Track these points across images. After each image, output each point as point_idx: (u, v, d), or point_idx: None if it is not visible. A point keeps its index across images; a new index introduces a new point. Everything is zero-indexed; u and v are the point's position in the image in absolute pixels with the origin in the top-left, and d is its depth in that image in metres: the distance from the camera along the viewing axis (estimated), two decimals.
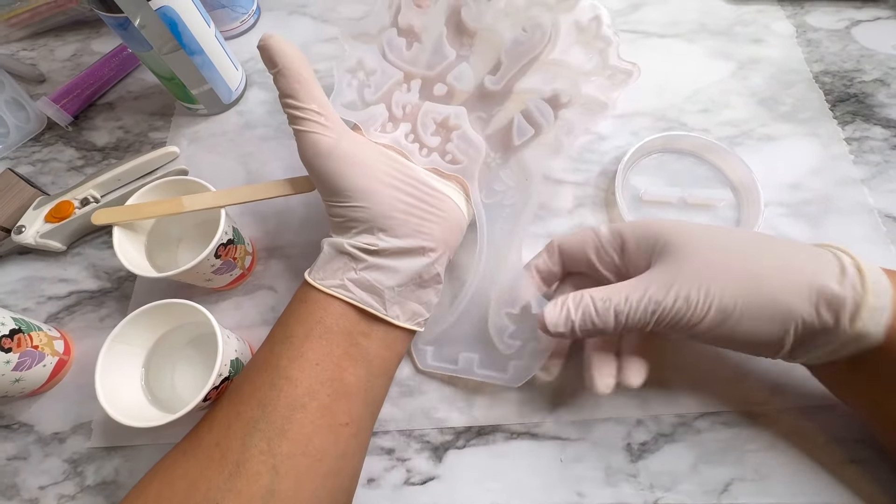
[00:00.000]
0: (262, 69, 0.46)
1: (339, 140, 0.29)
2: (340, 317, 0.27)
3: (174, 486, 0.24)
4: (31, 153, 0.44)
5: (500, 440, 0.31)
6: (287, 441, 0.24)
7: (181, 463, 0.25)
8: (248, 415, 0.25)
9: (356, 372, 0.27)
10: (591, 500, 0.29)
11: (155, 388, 0.31)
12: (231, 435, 0.24)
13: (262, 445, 0.24)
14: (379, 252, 0.28)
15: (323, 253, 0.29)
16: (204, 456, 0.24)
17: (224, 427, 0.25)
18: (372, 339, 0.28)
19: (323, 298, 0.28)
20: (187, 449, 0.25)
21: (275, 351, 0.27)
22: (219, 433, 0.25)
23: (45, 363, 0.32)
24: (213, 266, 0.32)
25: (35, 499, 0.31)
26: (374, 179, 0.28)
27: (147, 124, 0.44)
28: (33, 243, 0.37)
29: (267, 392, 0.25)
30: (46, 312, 0.37)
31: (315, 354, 0.26)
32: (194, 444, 0.25)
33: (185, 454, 0.25)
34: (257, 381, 0.26)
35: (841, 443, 0.29)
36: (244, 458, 0.24)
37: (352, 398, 0.27)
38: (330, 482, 0.25)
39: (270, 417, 0.25)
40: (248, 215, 0.39)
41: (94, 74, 0.45)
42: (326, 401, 0.26)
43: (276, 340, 0.27)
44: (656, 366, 0.31)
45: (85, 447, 0.33)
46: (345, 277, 0.28)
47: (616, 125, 0.40)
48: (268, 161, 0.41)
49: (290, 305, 0.29)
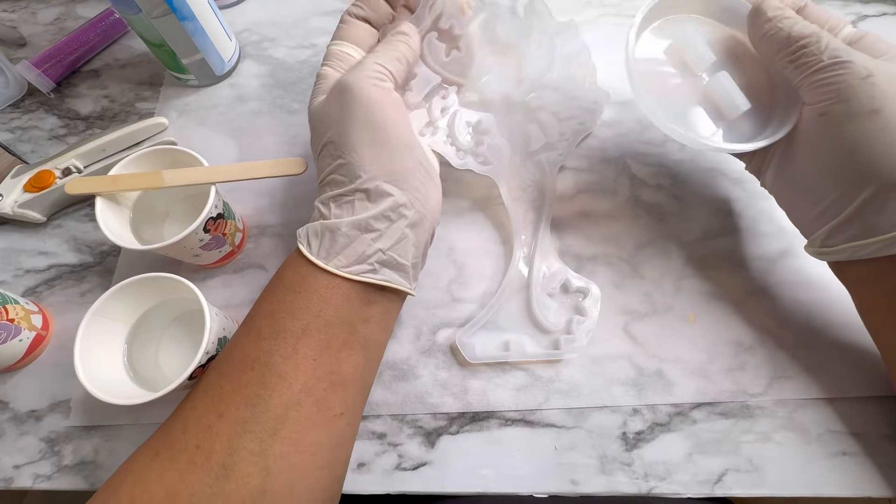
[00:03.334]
0: (257, 41, 0.44)
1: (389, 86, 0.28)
2: (342, 307, 0.25)
3: (150, 490, 0.22)
4: (9, 119, 0.42)
5: (495, 427, 0.30)
6: (280, 440, 0.23)
7: (155, 465, 0.23)
8: (234, 415, 0.23)
9: (354, 361, 0.26)
10: (585, 488, 0.29)
11: (138, 365, 0.29)
12: (214, 436, 0.22)
13: (252, 447, 0.22)
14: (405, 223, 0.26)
15: (341, 236, 0.25)
16: (182, 458, 0.22)
17: (203, 428, 0.23)
18: (371, 323, 0.26)
19: (323, 288, 0.25)
20: (160, 449, 0.23)
21: (263, 347, 0.24)
22: (197, 434, 0.23)
23: (21, 338, 0.31)
24: (202, 241, 0.30)
25: (10, 478, 0.30)
26: (415, 142, 0.27)
27: (134, 94, 0.42)
28: (11, 213, 0.35)
29: (256, 390, 0.23)
30: (24, 286, 0.36)
31: (312, 350, 0.24)
32: (168, 445, 0.23)
33: (159, 455, 0.23)
34: (242, 378, 0.24)
35: (834, 435, 0.29)
36: (232, 460, 0.22)
37: (348, 387, 0.25)
38: (324, 474, 0.24)
39: (262, 418, 0.23)
40: (240, 191, 0.37)
41: (78, 39, 0.43)
42: (323, 395, 0.24)
43: (264, 335, 0.25)
44: (653, 356, 0.31)
45: (63, 426, 0.31)
46: (373, 261, 0.25)
47: (620, 112, 0.39)
48: (261, 136, 0.40)
49: (274, 294, 0.26)
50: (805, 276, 0.33)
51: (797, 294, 0.32)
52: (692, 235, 0.34)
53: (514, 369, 0.31)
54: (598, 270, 0.34)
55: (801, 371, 0.30)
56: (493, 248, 0.35)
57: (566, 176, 0.37)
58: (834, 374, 0.30)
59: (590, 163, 0.37)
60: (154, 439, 0.24)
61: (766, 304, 0.32)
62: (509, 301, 0.33)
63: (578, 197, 0.36)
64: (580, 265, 0.34)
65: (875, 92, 0.23)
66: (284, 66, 0.43)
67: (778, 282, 0.33)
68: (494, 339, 0.32)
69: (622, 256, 0.34)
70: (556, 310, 0.33)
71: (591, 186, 0.37)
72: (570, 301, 0.33)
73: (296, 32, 0.44)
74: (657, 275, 0.33)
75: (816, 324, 0.31)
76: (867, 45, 0.26)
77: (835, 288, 0.29)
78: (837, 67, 0.24)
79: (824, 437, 0.29)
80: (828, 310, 0.32)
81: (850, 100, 0.24)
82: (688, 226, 0.35)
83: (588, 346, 0.31)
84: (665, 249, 0.34)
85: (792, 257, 0.33)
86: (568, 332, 0.32)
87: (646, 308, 0.33)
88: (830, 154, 0.25)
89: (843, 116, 0.24)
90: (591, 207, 0.36)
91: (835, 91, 0.24)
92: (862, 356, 0.30)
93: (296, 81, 0.42)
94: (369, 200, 0.26)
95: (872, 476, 0.28)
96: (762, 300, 0.32)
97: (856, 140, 0.24)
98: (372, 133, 0.26)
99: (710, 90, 0.29)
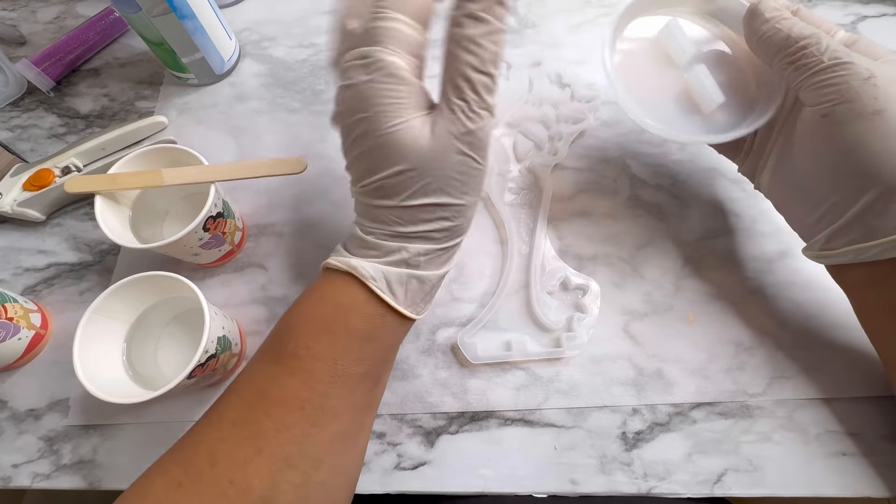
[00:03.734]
0: (257, 40, 0.44)
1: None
2: (399, 341, 0.26)
3: None
4: (9, 118, 0.42)
5: (494, 426, 0.30)
6: (323, 470, 0.23)
7: (179, 498, 0.21)
8: (277, 452, 0.22)
9: (384, 384, 0.27)
10: (584, 488, 0.29)
11: (137, 364, 0.29)
12: (251, 472, 0.21)
13: (296, 480, 0.22)
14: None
15: (428, 284, 0.25)
16: (212, 493, 0.21)
17: (238, 463, 0.21)
18: (397, 349, 0.27)
19: (396, 335, 0.25)
20: (183, 481, 0.21)
21: (318, 389, 0.23)
22: (230, 470, 0.21)
23: (20, 336, 0.31)
24: (201, 240, 0.30)
25: (8, 477, 0.30)
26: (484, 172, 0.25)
27: (134, 92, 0.42)
28: (10, 212, 0.35)
29: (306, 429, 0.22)
30: (23, 284, 0.35)
31: (367, 389, 0.25)
32: (194, 477, 0.21)
33: (183, 487, 0.21)
34: (288, 418, 0.22)
35: (833, 435, 0.29)
36: (273, 494, 0.21)
37: (374, 410, 0.26)
38: (348, 490, 0.25)
39: (309, 453, 0.22)
40: (240, 190, 0.37)
41: (78, 38, 0.43)
42: (363, 421, 0.25)
43: (320, 379, 0.23)
44: (653, 356, 0.31)
45: (61, 425, 0.31)
46: (429, 297, 0.25)
47: (620, 112, 0.39)
48: (260, 135, 0.40)
49: (340, 338, 0.24)
50: (804, 276, 0.33)
51: (796, 294, 0.32)
52: (692, 235, 0.34)
53: (513, 369, 0.31)
54: (598, 270, 0.34)
55: (800, 371, 0.30)
56: (492, 247, 0.35)
57: (566, 175, 0.37)
58: (832, 375, 0.30)
59: (589, 162, 0.37)
60: (171, 466, 0.22)
61: (766, 305, 0.32)
62: (509, 300, 0.33)
63: (578, 197, 0.36)
64: (580, 265, 0.34)
65: (878, 93, 0.23)
66: (284, 66, 0.43)
67: (777, 282, 0.33)
68: (496, 338, 0.32)
69: (622, 256, 0.34)
70: (557, 308, 0.33)
71: (590, 186, 0.37)
72: (570, 298, 0.33)
73: (296, 32, 0.44)
74: (657, 274, 0.33)
75: (815, 324, 0.31)
76: (862, 49, 0.25)
77: (833, 289, 0.29)
78: (839, 69, 0.24)
79: (823, 438, 0.29)
80: (826, 310, 0.32)
81: (853, 101, 0.23)
82: (687, 226, 0.35)
83: (588, 345, 0.31)
84: (665, 249, 0.34)
85: (791, 258, 0.33)
86: (569, 329, 0.32)
87: (645, 308, 0.33)
88: (832, 156, 0.25)
89: (845, 118, 0.24)
90: (591, 207, 0.36)
91: (837, 92, 0.24)
92: (860, 357, 0.30)
93: (295, 80, 0.42)
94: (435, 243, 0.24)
95: (871, 476, 0.28)
96: (761, 300, 0.32)
97: (858, 142, 0.24)
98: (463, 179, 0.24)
99: (688, 84, 0.29)
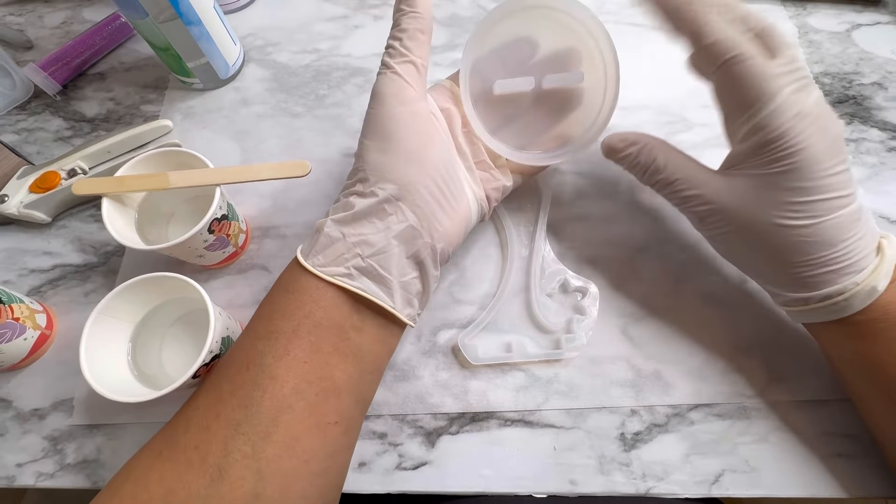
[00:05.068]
0: (261, 45, 0.45)
1: (420, 99, 0.27)
2: (332, 309, 0.25)
3: (150, 490, 0.22)
4: (15, 121, 0.42)
5: (494, 427, 0.31)
6: (272, 444, 0.23)
7: (157, 465, 0.23)
8: (230, 416, 0.23)
9: (346, 369, 0.25)
10: (583, 488, 0.29)
11: (142, 363, 0.30)
12: (210, 437, 0.23)
13: (245, 449, 0.22)
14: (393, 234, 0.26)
15: (323, 235, 0.26)
16: (182, 459, 0.23)
17: (202, 429, 0.23)
18: (364, 333, 0.26)
19: (313, 289, 0.25)
20: (163, 450, 0.23)
21: (258, 347, 0.25)
22: (197, 435, 0.23)
23: (26, 336, 0.31)
24: (206, 242, 0.31)
25: (12, 476, 0.30)
26: (428, 159, 0.27)
27: (139, 97, 0.43)
28: (16, 213, 0.36)
29: (250, 391, 0.23)
30: (28, 285, 0.36)
31: (303, 352, 0.24)
32: (171, 445, 0.23)
33: (161, 455, 0.23)
34: (237, 379, 0.24)
35: (830, 436, 0.29)
36: (226, 462, 0.22)
37: (341, 396, 0.25)
38: (318, 481, 0.24)
39: (254, 420, 0.23)
40: (244, 193, 0.38)
41: (84, 43, 0.43)
42: (314, 400, 0.24)
43: (259, 335, 0.25)
44: (651, 357, 0.32)
45: (66, 424, 0.32)
46: (350, 265, 0.25)
47: (619, 118, 0.40)
48: (264, 139, 0.40)
49: (272, 295, 0.27)
50: None
51: None
52: (690, 238, 0.35)
53: (513, 370, 0.32)
54: (597, 273, 0.34)
55: (797, 373, 0.31)
56: (493, 250, 0.35)
57: (565, 179, 0.37)
58: (828, 377, 0.30)
59: (589, 166, 0.38)
60: (157, 439, 0.24)
61: (762, 307, 0.32)
62: (510, 303, 0.33)
63: (577, 200, 0.37)
64: (579, 267, 0.34)
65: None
66: (288, 71, 0.43)
67: None
68: (496, 340, 0.32)
69: (620, 259, 0.34)
70: (556, 310, 0.33)
71: (589, 189, 0.37)
72: (570, 301, 0.33)
73: (299, 37, 0.45)
74: (655, 277, 0.34)
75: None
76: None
77: None
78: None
79: (819, 439, 0.29)
80: None
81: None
82: (685, 229, 0.35)
83: (587, 347, 0.32)
84: (662, 252, 0.35)
85: None
86: (568, 331, 0.32)
87: (644, 310, 0.33)
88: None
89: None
90: (590, 210, 0.36)
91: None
92: None
93: (299, 85, 0.42)
94: (362, 200, 0.26)
95: (866, 477, 0.28)
96: (758, 303, 0.33)
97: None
98: (380, 143, 0.26)
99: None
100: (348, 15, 0.46)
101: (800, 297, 0.26)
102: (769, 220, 0.25)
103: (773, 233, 0.25)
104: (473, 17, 0.45)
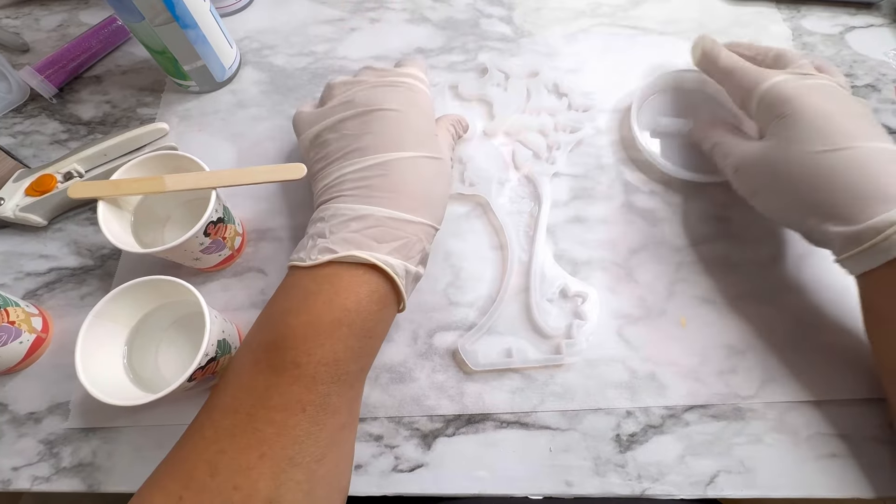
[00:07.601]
0: (257, 48, 0.45)
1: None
2: (385, 334, 0.28)
3: None
4: (11, 125, 0.42)
5: (490, 429, 0.31)
6: (326, 463, 0.23)
7: None
8: (279, 454, 0.22)
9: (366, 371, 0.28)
10: (579, 489, 0.29)
11: (137, 367, 0.30)
12: (255, 476, 0.22)
13: (299, 477, 0.22)
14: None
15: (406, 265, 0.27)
16: (217, 501, 0.21)
17: (242, 469, 0.22)
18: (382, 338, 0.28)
19: (384, 328, 0.28)
20: (184, 495, 0.21)
21: (319, 390, 0.24)
22: (234, 476, 0.22)
23: (21, 340, 0.31)
24: (202, 245, 0.31)
25: (8, 480, 0.30)
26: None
27: (135, 99, 0.43)
28: (12, 217, 0.36)
29: (307, 429, 0.23)
30: (24, 289, 0.36)
31: (359, 381, 0.26)
32: (194, 490, 0.21)
33: (183, 500, 0.21)
34: (290, 421, 0.23)
35: (824, 437, 0.29)
36: (279, 493, 0.22)
37: (360, 398, 0.28)
38: (349, 471, 0.26)
39: (310, 451, 0.23)
40: (240, 196, 0.38)
41: (80, 46, 0.43)
42: (356, 408, 0.26)
43: (322, 380, 0.24)
44: (646, 359, 0.32)
45: (61, 428, 0.31)
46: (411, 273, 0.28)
47: (613, 119, 0.40)
48: (260, 142, 0.40)
49: (341, 339, 0.25)
50: (794, 281, 0.33)
51: (786, 298, 0.33)
52: (685, 240, 0.35)
53: (509, 372, 0.32)
54: (593, 275, 0.34)
55: (791, 374, 0.31)
56: (489, 252, 0.35)
57: (561, 182, 0.38)
58: (822, 378, 0.31)
59: (585, 169, 0.38)
60: (168, 481, 0.22)
61: (757, 308, 0.33)
62: (509, 307, 0.33)
63: (573, 203, 0.37)
64: (575, 269, 0.34)
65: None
66: (284, 73, 0.43)
67: (768, 286, 0.33)
68: (496, 345, 0.32)
69: (616, 261, 0.35)
70: (556, 315, 0.33)
71: (585, 192, 0.37)
72: (569, 306, 0.33)
73: (295, 40, 0.45)
74: (650, 279, 0.34)
75: (805, 328, 0.32)
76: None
77: (823, 293, 0.29)
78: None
79: (813, 439, 0.29)
80: (816, 314, 0.32)
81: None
82: (680, 231, 0.35)
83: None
84: (658, 254, 0.35)
85: (781, 263, 0.34)
86: (568, 336, 0.32)
87: (639, 312, 0.33)
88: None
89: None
90: (586, 213, 0.36)
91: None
92: (849, 360, 0.31)
93: (295, 88, 0.42)
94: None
95: (860, 477, 0.28)
96: (753, 304, 0.33)
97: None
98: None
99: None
100: (345, 18, 0.46)
101: (849, 231, 0.25)
102: (792, 156, 0.28)
103: (800, 163, 0.27)
104: (469, 20, 0.45)
